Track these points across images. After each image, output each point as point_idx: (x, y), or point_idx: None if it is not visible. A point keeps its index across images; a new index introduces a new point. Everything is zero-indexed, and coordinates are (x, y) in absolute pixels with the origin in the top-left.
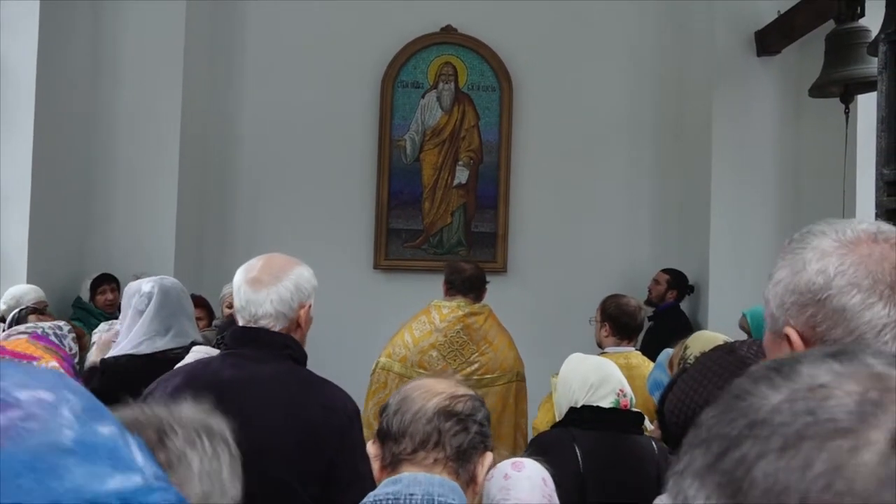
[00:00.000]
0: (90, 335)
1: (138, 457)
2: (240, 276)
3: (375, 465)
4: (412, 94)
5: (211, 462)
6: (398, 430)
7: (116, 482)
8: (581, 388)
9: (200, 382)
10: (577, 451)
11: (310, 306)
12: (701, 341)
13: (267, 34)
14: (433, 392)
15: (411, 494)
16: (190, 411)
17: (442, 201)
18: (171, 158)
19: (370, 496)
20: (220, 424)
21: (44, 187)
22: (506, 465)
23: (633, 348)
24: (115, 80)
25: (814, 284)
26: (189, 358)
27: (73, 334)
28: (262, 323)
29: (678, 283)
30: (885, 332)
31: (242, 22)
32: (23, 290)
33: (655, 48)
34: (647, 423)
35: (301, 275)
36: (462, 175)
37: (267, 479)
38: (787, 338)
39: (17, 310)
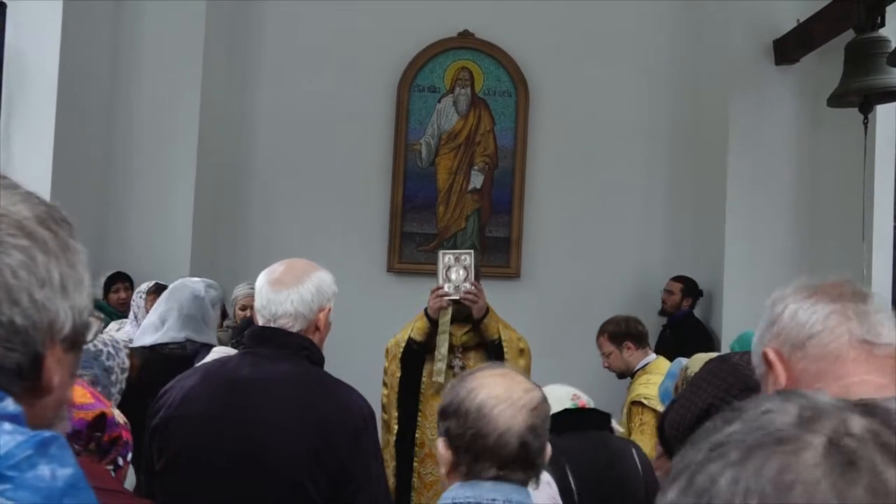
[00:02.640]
0: None
1: None
2: (262, 277)
3: (444, 469)
4: (428, 98)
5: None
6: (480, 451)
7: None
8: None
9: (217, 380)
10: (559, 455)
11: (329, 310)
12: (699, 360)
13: (285, 36)
14: (515, 405)
15: (493, 500)
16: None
17: (456, 206)
18: (189, 159)
19: (448, 498)
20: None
21: (63, 185)
22: None
23: (654, 354)
24: (135, 79)
25: (773, 307)
26: (209, 358)
27: (127, 350)
28: (281, 322)
29: (691, 290)
30: (814, 326)
31: (260, 24)
32: None
33: (672, 54)
34: (615, 424)
35: (322, 279)
36: (477, 180)
37: (280, 479)
38: (766, 356)
39: None
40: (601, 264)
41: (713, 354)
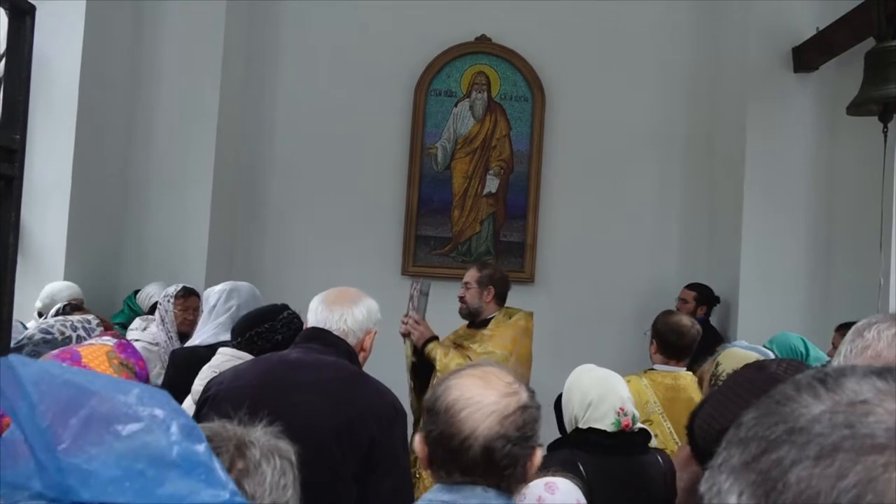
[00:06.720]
0: (121, 331)
1: (223, 475)
2: (316, 300)
3: (423, 463)
4: (445, 102)
5: (280, 477)
6: (445, 455)
7: (207, 496)
8: (580, 405)
9: (268, 361)
10: (584, 474)
11: (375, 334)
12: (731, 359)
13: (302, 40)
14: (483, 410)
15: None
16: (262, 433)
17: (471, 210)
18: (206, 161)
19: (425, 498)
20: (287, 447)
21: (83, 188)
22: (539, 486)
23: (683, 368)
24: (154, 83)
25: (864, 334)
26: (216, 360)
27: (101, 328)
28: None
29: (705, 298)
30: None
31: (278, 28)
32: (58, 287)
33: (689, 61)
34: (653, 440)
35: (371, 304)
36: (492, 184)
37: (314, 447)
38: None
39: (58, 305)
40: (616, 270)
41: (747, 353)
